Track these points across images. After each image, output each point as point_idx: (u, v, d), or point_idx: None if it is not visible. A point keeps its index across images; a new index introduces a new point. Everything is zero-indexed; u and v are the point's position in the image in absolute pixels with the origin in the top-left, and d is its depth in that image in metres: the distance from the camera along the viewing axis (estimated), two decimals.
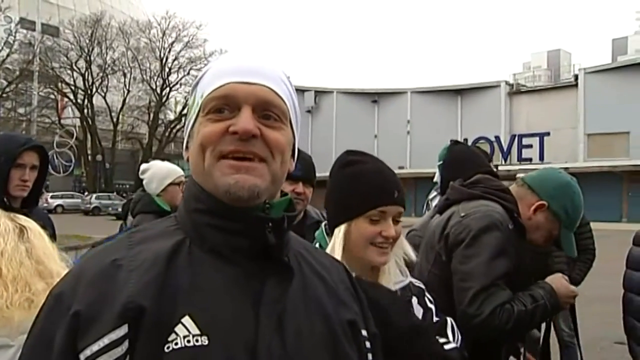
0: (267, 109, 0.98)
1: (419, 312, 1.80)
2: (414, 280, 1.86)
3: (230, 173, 0.94)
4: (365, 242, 1.69)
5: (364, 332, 1.07)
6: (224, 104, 0.97)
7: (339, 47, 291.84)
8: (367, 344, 1.07)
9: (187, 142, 1.04)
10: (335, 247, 1.74)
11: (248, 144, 0.95)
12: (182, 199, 1.05)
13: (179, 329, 0.87)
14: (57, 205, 37.75)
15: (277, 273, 0.97)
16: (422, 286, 1.89)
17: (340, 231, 1.75)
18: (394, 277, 1.76)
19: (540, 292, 2.14)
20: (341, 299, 1.07)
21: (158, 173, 3.75)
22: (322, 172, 3.19)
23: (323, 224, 1.88)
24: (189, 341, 0.86)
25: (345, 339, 1.01)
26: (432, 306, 1.85)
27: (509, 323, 2.03)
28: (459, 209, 2.27)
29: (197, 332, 0.87)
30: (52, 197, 37.22)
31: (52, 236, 2.69)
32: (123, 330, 0.85)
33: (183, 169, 3.77)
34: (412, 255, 1.82)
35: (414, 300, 1.81)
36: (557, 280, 2.21)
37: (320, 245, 1.81)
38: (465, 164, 2.72)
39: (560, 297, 2.15)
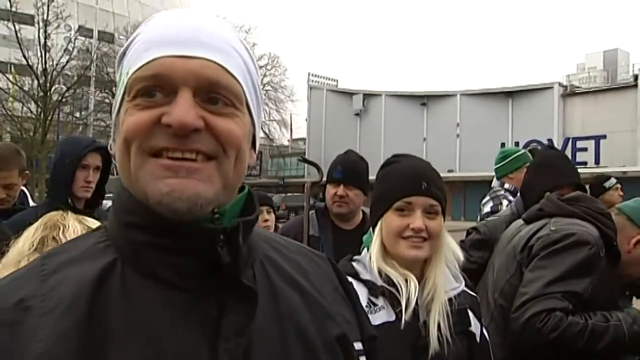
0: (214, 91, 0.75)
1: (476, 325, 1.74)
2: (467, 289, 1.80)
3: (163, 177, 0.72)
4: (395, 236, 1.69)
5: (358, 345, 0.88)
6: (154, 85, 0.73)
7: (388, 49, 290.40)
8: (362, 359, 0.89)
9: (114, 134, 0.81)
10: (374, 245, 1.74)
11: (188, 140, 0.72)
12: (112, 208, 0.82)
13: None
14: (111, 207, 38.81)
15: (238, 295, 0.76)
16: (477, 296, 1.83)
17: (377, 228, 1.76)
18: (446, 283, 1.70)
19: (618, 315, 1.98)
20: (325, 310, 0.86)
21: None
22: (371, 175, 3.16)
23: (371, 227, 1.86)
24: None
25: None
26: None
27: (555, 332, 1.88)
28: (551, 223, 2.16)
29: None
30: (106, 198, 38.35)
31: None
32: None
33: None
34: (461, 256, 1.77)
35: (470, 312, 1.74)
36: None
37: (368, 249, 1.79)
38: (557, 172, 2.59)
39: None
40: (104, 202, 2.91)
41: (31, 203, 3.55)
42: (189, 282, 0.75)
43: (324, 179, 3.19)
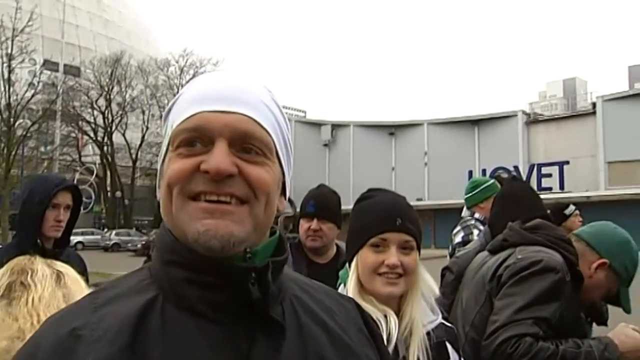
0: (247, 142, 0.83)
1: (454, 356, 1.74)
2: (445, 321, 1.79)
3: (200, 218, 0.80)
4: (370, 272, 1.68)
5: None
6: (195, 137, 0.82)
7: (355, 80, 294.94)
8: None
9: (159, 181, 0.89)
10: (350, 282, 1.74)
11: (224, 185, 0.80)
12: (156, 248, 0.90)
13: None
14: (78, 242, 37.87)
15: (267, 329, 0.82)
16: (453, 328, 1.83)
17: (352, 264, 1.75)
18: (423, 316, 1.70)
19: (590, 342, 2.01)
20: (351, 348, 0.91)
21: None
22: (343, 205, 3.16)
23: (347, 263, 1.85)
24: None
25: None
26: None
27: (526, 356, 1.89)
28: (517, 252, 2.20)
29: None
30: (72, 234, 37.49)
31: (82, 273, 2.71)
32: None
33: None
34: (436, 290, 1.77)
35: (448, 345, 1.74)
36: (621, 333, 2.07)
37: (344, 284, 1.79)
38: (523, 203, 2.60)
39: (627, 351, 2.01)
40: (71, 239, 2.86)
41: None
42: (223, 317, 0.81)
43: (297, 211, 3.18)
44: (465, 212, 4.14)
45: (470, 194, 4.11)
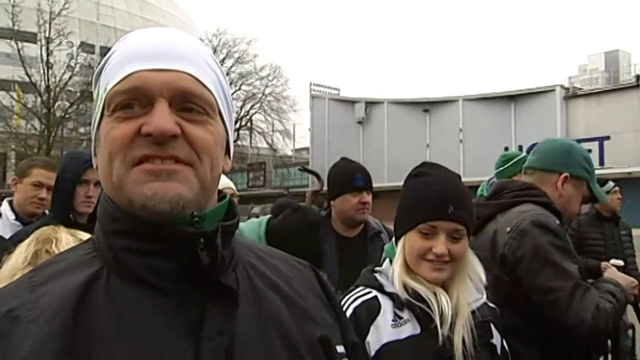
0: (188, 101, 0.80)
1: (497, 337, 1.73)
2: (488, 301, 1.78)
3: (146, 181, 0.76)
4: (417, 257, 1.67)
5: (340, 348, 0.91)
6: (132, 98, 0.78)
7: (389, 57, 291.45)
8: None
9: (95, 148, 0.85)
10: (396, 262, 1.72)
11: (167, 147, 0.77)
12: (97, 219, 0.86)
13: None
14: None
15: (219, 296, 0.79)
16: (497, 308, 1.81)
17: (400, 244, 1.73)
18: (468, 295, 1.70)
19: (612, 287, 2.05)
20: (308, 312, 0.90)
21: None
22: (375, 182, 3.15)
23: (393, 237, 1.84)
24: None
25: None
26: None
27: (609, 323, 1.94)
28: (501, 225, 2.18)
29: None
30: None
31: None
32: None
33: (235, 183, 3.79)
34: (483, 276, 1.75)
35: (492, 325, 1.73)
36: (613, 273, 2.16)
37: (390, 260, 1.77)
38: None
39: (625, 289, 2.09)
40: None
41: None
42: (172, 286, 0.78)
43: (325, 187, 3.18)
44: (483, 187, 4.08)
45: (502, 168, 4.04)
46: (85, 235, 1.60)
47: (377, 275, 1.76)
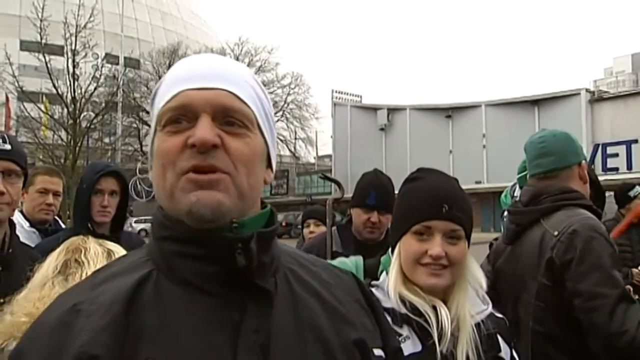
0: (229, 115, 0.89)
1: (505, 350, 1.63)
2: (495, 311, 1.69)
3: (190, 190, 0.85)
4: (412, 261, 1.59)
5: (378, 352, 0.96)
6: (179, 114, 0.88)
7: (410, 63, 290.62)
8: None
9: (150, 162, 0.95)
10: (392, 270, 1.64)
11: (208, 157, 0.86)
12: (151, 226, 0.96)
13: None
14: (141, 230, 39.39)
15: (257, 298, 0.87)
16: (504, 319, 1.71)
17: (395, 250, 1.65)
18: (471, 307, 1.59)
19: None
20: (345, 317, 0.95)
21: None
22: (398, 190, 3.14)
23: (390, 248, 1.74)
24: None
25: None
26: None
27: None
28: (547, 230, 2.12)
29: None
30: (136, 222, 38.86)
31: None
32: None
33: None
34: (484, 283, 1.65)
35: (499, 337, 1.63)
36: None
37: (387, 272, 1.68)
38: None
39: None
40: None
41: (63, 227, 3.64)
42: (215, 288, 0.86)
43: (345, 195, 3.18)
44: (518, 192, 4.03)
45: (523, 174, 3.99)
46: (114, 246, 1.65)
47: (373, 289, 1.62)
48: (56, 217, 3.53)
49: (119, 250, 1.65)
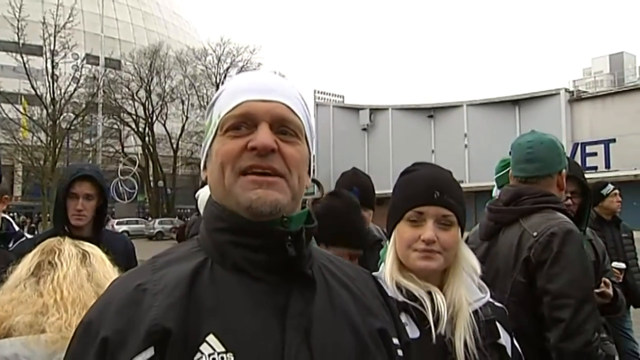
0: (284, 125, 1.00)
1: (505, 337, 1.63)
2: (493, 300, 1.69)
3: (252, 188, 0.96)
4: (406, 247, 1.62)
5: (396, 341, 1.07)
6: (241, 122, 0.99)
7: (393, 63, 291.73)
8: (400, 352, 1.06)
9: (205, 163, 1.07)
10: (388, 258, 1.68)
11: (267, 159, 0.97)
12: (203, 220, 1.07)
13: (204, 347, 0.88)
14: (123, 231, 39.07)
15: (301, 286, 0.98)
16: (503, 307, 1.72)
17: (391, 239, 1.70)
18: (468, 294, 1.61)
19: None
20: (369, 308, 1.06)
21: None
22: (380, 189, 3.16)
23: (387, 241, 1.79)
24: (214, 359, 0.87)
25: (376, 348, 1.01)
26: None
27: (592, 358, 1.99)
28: (525, 230, 2.19)
29: (222, 349, 0.88)
30: (118, 224, 38.52)
31: (133, 259, 2.75)
32: (149, 352, 0.87)
33: None
34: (478, 268, 1.68)
35: (498, 324, 1.63)
36: None
37: (383, 262, 1.73)
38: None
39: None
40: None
41: (17, 229, 3.39)
42: (264, 274, 0.96)
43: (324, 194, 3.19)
44: (495, 192, 4.05)
45: (501, 173, 4.03)
46: (89, 246, 1.65)
47: None
48: (7, 217, 3.33)
49: (95, 252, 1.65)
